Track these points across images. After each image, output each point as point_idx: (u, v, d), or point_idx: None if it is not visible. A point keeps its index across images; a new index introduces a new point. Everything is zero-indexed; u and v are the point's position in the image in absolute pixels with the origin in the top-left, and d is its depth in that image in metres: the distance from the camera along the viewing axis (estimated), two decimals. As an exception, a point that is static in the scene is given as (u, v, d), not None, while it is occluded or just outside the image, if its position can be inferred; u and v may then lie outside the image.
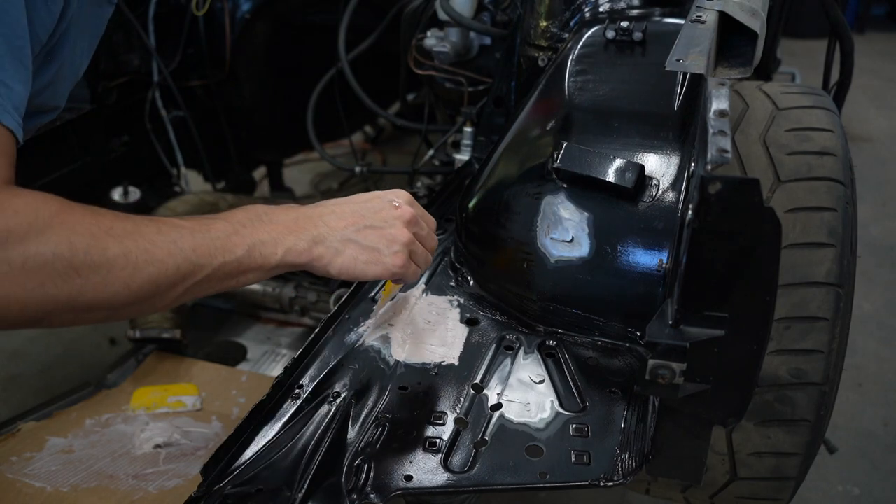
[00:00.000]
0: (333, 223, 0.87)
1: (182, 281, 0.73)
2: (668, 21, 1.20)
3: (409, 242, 0.90)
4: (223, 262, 0.76)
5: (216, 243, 0.76)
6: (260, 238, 0.80)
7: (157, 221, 0.74)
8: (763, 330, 0.67)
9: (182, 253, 0.73)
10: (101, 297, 0.68)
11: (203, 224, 0.77)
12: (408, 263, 0.90)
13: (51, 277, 0.65)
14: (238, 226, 0.80)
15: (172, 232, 0.74)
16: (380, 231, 0.88)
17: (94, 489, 1.15)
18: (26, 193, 0.67)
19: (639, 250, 0.94)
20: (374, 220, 0.89)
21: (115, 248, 0.68)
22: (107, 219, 0.70)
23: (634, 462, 0.80)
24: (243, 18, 2.02)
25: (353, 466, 0.81)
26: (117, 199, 2.00)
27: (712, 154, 0.64)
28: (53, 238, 0.65)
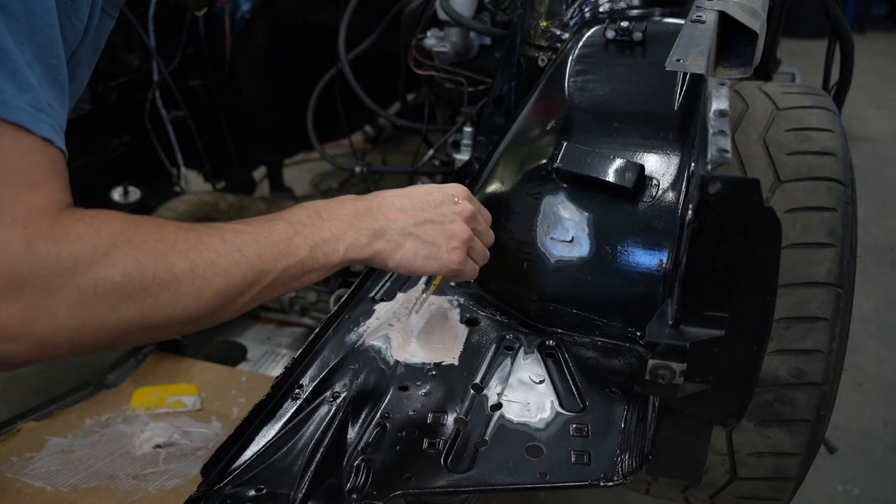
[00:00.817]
0: (394, 216, 0.87)
1: (249, 289, 0.73)
2: (668, 21, 1.20)
3: (468, 239, 0.90)
4: (287, 266, 0.76)
5: (279, 247, 0.76)
6: (322, 237, 0.80)
7: (220, 229, 0.73)
8: (763, 330, 0.67)
9: (248, 261, 0.72)
10: (173, 314, 0.67)
11: (265, 227, 0.77)
12: (466, 260, 0.90)
13: (123, 300, 0.64)
14: (299, 226, 0.79)
15: (236, 239, 0.73)
16: (440, 226, 0.88)
17: (94, 489, 1.15)
18: (86, 215, 0.65)
19: (639, 250, 0.94)
20: (433, 214, 0.88)
21: (182, 264, 0.68)
22: (170, 232, 0.69)
23: (634, 462, 0.80)
24: (243, 18, 2.02)
25: (353, 466, 0.81)
26: (117, 199, 2.00)
27: (712, 154, 0.64)
28: (121, 259, 0.64)
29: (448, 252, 0.88)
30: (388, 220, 0.86)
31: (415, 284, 1.12)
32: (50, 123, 0.65)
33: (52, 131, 0.65)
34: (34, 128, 0.63)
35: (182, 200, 1.93)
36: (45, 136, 0.64)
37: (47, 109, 0.65)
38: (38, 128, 0.63)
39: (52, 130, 0.65)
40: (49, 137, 0.64)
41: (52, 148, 0.66)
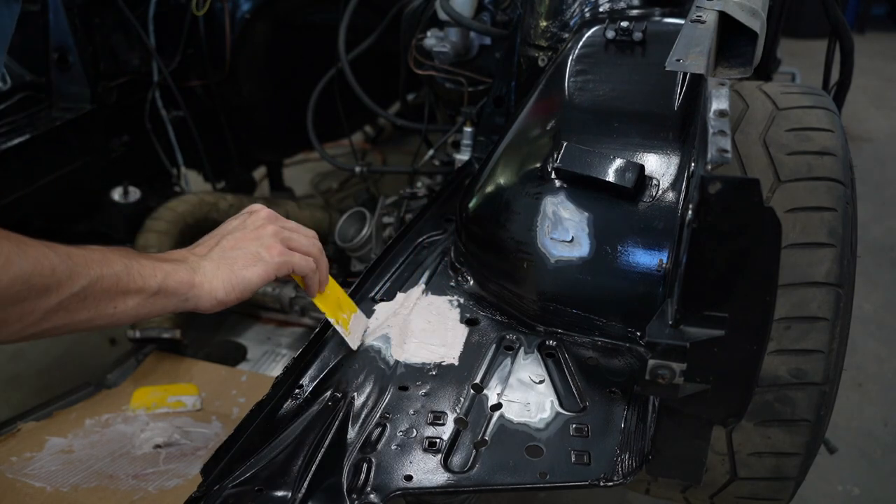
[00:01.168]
0: (199, 251, 0.86)
1: (57, 288, 0.69)
2: (668, 21, 1.20)
3: (276, 232, 0.88)
4: (100, 275, 0.73)
5: (93, 255, 0.74)
6: (138, 262, 0.78)
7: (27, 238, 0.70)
8: (763, 330, 0.67)
9: (57, 256, 0.69)
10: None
11: (79, 247, 0.75)
12: (286, 251, 0.87)
13: None
14: (114, 252, 0.78)
15: (48, 243, 0.71)
16: (242, 234, 0.87)
17: (95, 489, 1.15)
18: None
19: (639, 250, 0.94)
20: (235, 232, 0.88)
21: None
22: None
23: (634, 462, 0.80)
24: (243, 18, 2.02)
25: (353, 466, 0.81)
26: (117, 199, 2.00)
27: (712, 154, 0.64)
28: None
29: (265, 250, 0.85)
30: (196, 256, 0.85)
31: (416, 284, 1.12)
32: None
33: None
34: None
35: (182, 200, 1.93)
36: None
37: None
38: None
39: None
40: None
41: None
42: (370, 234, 1.79)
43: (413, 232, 1.25)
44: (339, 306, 0.98)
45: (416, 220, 1.28)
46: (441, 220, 1.29)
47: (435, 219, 1.29)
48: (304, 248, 0.91)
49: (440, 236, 1.24)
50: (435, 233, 1.25)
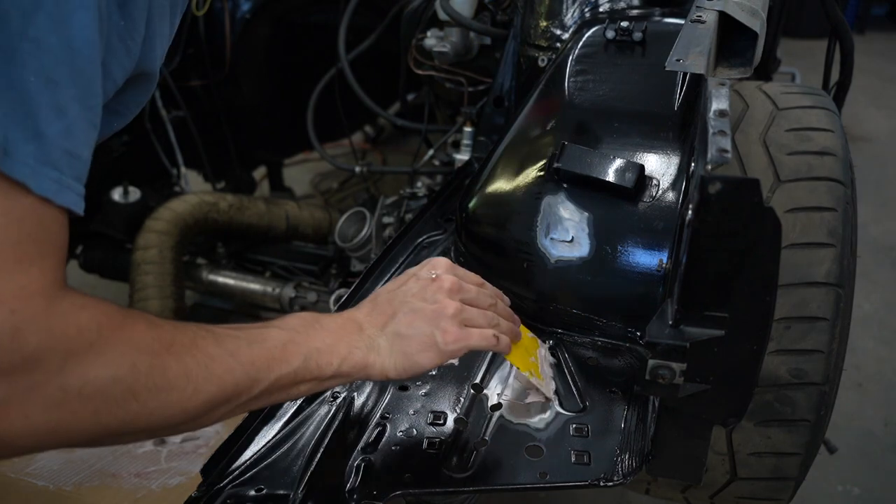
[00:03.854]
0: (376, 321, 0.80)
1: (236, 398, 0.67)
2: (668, 21, 1.20)
3: (456, 313, 0.80)
4: (280, 375, 0.70)
5: (273, 353, 0.70)
6: (316, 346, 0.74)
7: (212, 331, 0.67)
8: (763, 330, 0.67)
9: (241, 367, 0.67)
10: (154, 421, 0.61)
11: (258, 333, 0.71)
12: (464, 334, 0.80)
13: (106, 404, 0.57)
14: (293, 332, 0.74)
15: (229, 342, 0.67)
16: (422, 312, 0.80)
17: (97, 488, 1.15)
18: (88, 304, 0.57)
19: (639, 250, 0.94)
20: (414, 303, 0.81)
21: (176, 368, 0.61)
22: (167, 332, 0.62)
23: (634, 462, 0.80)
24: (243, 18, 2.02)
25: (353, 466, 0.81)
26: (117, 199, 2.00)
27: (712, 154, 0.64)
28: (116, 359, 0.57)
29: (441, 335, 0.79)
30: (373, 327, 0.79)
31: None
32: (55, 178, 0.56)
33: (54, 188, 0.56)
34: (33, 184, 0.54)
35: (182, 200, 1.93)
36: (44, 194, 0.55)
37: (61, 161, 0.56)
38: (38, 185, 0.54)
39: (56, 187, 0.56)
40: (48, 196, 0.55)
41: (52, 210, 0.56)
42: (370, 234, 1.80)
43: (413, 232, 1.25)
44: (526, 351, 0.91)
45: (416, 220, 1.28)
46: (441, 220, 1.29)
47: (435, 219, 1.29)
48: (483, 322, 0.83)
49: (440, 236, 1.24)
50: (435, 233, 1.25)
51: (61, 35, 0.56)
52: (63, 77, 0.56)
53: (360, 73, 1.87)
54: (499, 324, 0.84)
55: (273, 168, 2.66)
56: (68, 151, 0.57)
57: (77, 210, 0.59)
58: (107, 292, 2.50)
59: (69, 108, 0.57)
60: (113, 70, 0.64)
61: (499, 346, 0.83)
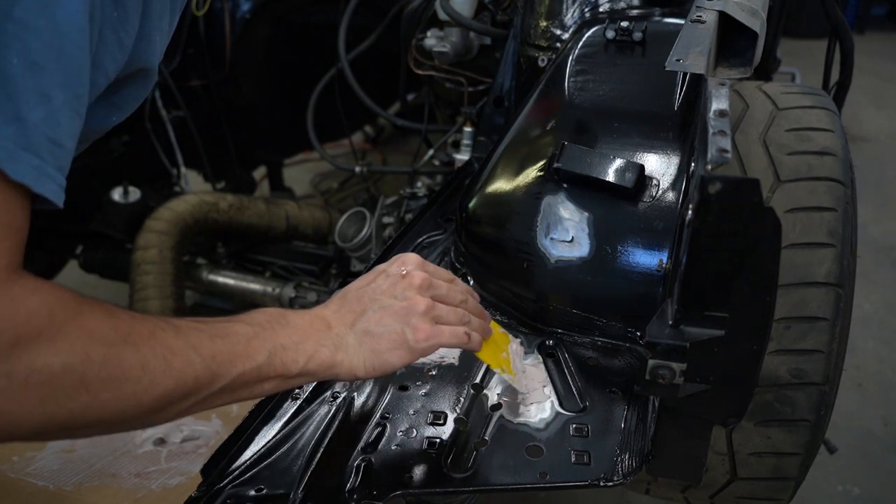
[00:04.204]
0: (345, 319, 0.78)
1: (196, 392, 0.64)
2: (668, 21, 1.20)
3: (427, 310, 0.79)
4: (242, 371, 0.68)
5: (236, 349, 0.68)
6: (282, 342, 0.72)
7: (174, 324, 0.65)
8: (763, 330, 0.67)
9: (202, 361, 0.64)
10: (106, 415, 0.58)
11: (222, 327, 0.69)
12: (435, 331, 0.79)
13: (54, 393, 0.54)
14: (258, 328, 0.71)
15: (191, 335, 0.65)
16: (391, 309, 0.78)
17: (98, 488, 1.15)
18: (41, 289, 0.55)
19: (639, 250, 0.94)
20: (383, 300, 0.79)
21: (132, 358, 0.59)
22: (124, 321, 0.60)
23: (634, 462, 0.80)
24: (243, 18, 2.02)
25: (353, 466, 0.81)
26: (117, 199, 2.00)
27: (712, 154, 0.64)
28: (67, 347, 0.55)
29: (411, 332, 0.77)
30: (342, 325, 0.77)
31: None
32: (35, 166, 0.55)
33: (33, 175, 0.54)
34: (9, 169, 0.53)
35: (182, 200, 1.93)
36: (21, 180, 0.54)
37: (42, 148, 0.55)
38: (14, 169, 0.53)
39: (35, 174, 0.54)
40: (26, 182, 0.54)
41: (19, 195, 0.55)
42: (370, 234, 1.80)
43: (413, 232, 1.25)
44: (497, 347, 0.90)
45: (416, 220, 1.28)
46: (441, 220, 1.29)
47: (435, 219, 1.29)
48: (453, 319, 0.82)
49: (440, 236, 1.24)
50: (435, 233, 1.25)
51: (49, 18, 0.54)
52: (49, 62, 0.55)
53: (360, 73, 1.87)
54: (469, 321, 0.83)
55: (273, 168, 2.66)
56: (50, 139, 0.55)
57: (56, 201, 0.57)
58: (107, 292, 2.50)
59: (54, 95, 0.55)
60: (104, 62, 0.63)
61: (470, 344, 0.83)
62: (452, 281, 0.86)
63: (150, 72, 0.73)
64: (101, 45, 0.61)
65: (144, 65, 0.70)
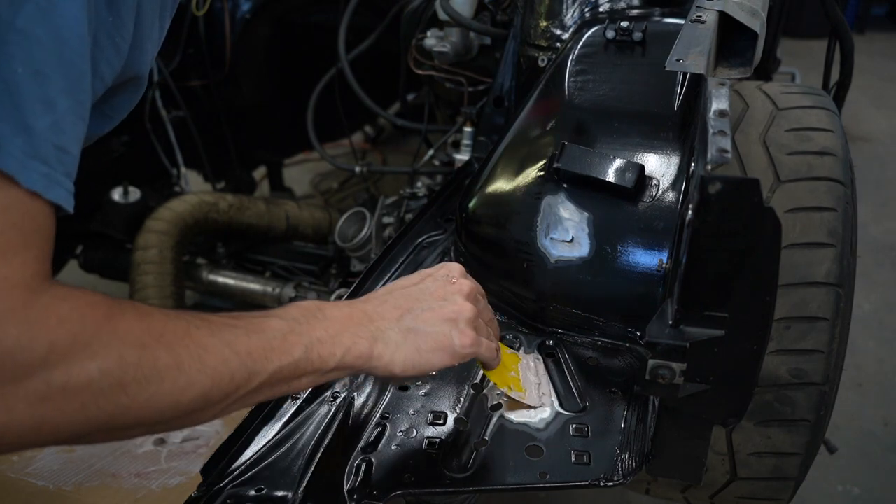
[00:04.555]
0: (389, 313, 0.77)
1: (234, 391, 0.64)
2: (668, 21, 1.20)
3: (474, 317, 0.79)
4: (279, 367, 0.67)
5: (273, 344, 0.67)
6: (318, 336, 0.71)
7: (208, 320, 0.65)
8: (763, 330, 0.67)
9: (237, 358, 0.64)
10: (146, 416, 0.58)
11: (257, 322, 0.68)
12: (478, 340, 0.79)
13: (94, 398, 0.55)
14: (294, 323, 0.70)
15: (226, 332, 0.64)
16: (440, 311, 0.78)
17: (97, 488, 1.15)
18: (71, 295, 0.56)
19: (639, 250, 0.94)
20: (431, 301, 0.79)
21: (167, 359, 0.59)
22: (157, 321, 0.60)
23: (634, 462, 0.80)
24: (243, 18, 2.02)
25: (353, 466, 0.81)
26: (117, 199, 2.00)
27: (712, 154, 0.64)
28: (102, 351, 0.55)
29: (457, 337, 0.77)
30: (384, 319, 0.76)
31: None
32: (44, 173, 0.55)
33: (43, 182, 0.55)
34: (20, 178, 0.53)
35: (182, 200, 1.93)
36: (32, 188, 0.54)
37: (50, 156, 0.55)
38: (26, 178, 0.53)
39: (45, 182, 0.55)
40: (37, 190, 0.54)
41: (39, 203, 0.55)
42: (370, 234, 1.80)
43: (413, 232, 1.25)
44: (505, 367, 0.89)
45: (416, 220, 1.28)
46: (441, 220, 1.29)
47: (435, 219, 1.29)
48: (486, 335, 0.83)
49: (440, 236, 1.24)
50: (435, 233, 1.25)
51: (50, 26, 0.55)
52: (51, 70, 0.55)
53: (360, 73, 1.87)
54: (493, 340, 0.85)
55: (273, 168, 2.66)
56: (57, 146, 0.56)
57: (66, 207, 0.57)
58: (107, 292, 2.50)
59: (58, 102, 0.56)
60: (101, 68, 0.63)
61: (496, 361, 0.85)
62: (486, 298, 0.88)
63: (141, 80, 0.73)
64: (98, 51, 0.61)
65: (135, 73, 0.70)
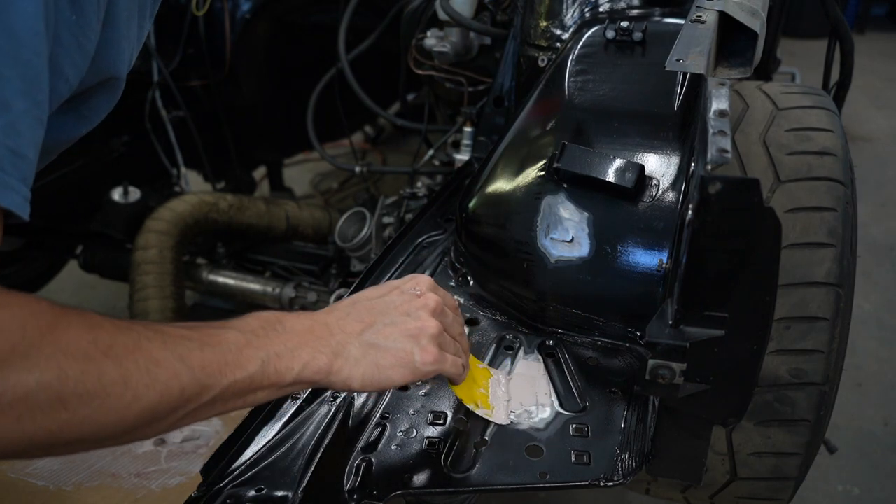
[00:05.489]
0: (350, 327, 0.76)
1: (184, 405, 0.62)
2: (668, 21, 1.20)
3: (437, 334, 0.78)
4: (233, 381, 0.65)
5: (227, 357, 0.65)
6: (275, 350, 0.69)
7: (161, 332, 0.62)
8: (763, 330, 0.68)
9: (189, 372, 0.61)
10: (87, 432, 0.56)
11: (212, 334, 0.67)
12: (441, 357, 0.78)
13: (30, 412, 0.52)
14: (251, 335, 0.69)
15: (179, 345, 0.62)
16: (403, 326, 0.77)
17: (97, 488, 1.15)
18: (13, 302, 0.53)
19: (639, 250, 0.94)
20: (394, 315, 0.78)
21: (113, 373, 0.56)
22: (106, 332, 0.57)
23: (634, 462, 0.80)
24: (243, 18, 2.02)
25: (353, 466, 0.81)
26: (117, 199, 2.01)
27: (712, 154, 0.64)
28: (41, 363, 0.52)
29: (419, 353, 0.76)
30: (344, 333, 0.75)
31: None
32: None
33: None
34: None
35: (182, 200, 1.93)
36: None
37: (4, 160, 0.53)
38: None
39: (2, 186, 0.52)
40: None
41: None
42: (370, 234, 1.80)
43: (413, 232, 1.25)
44: (474, 382, 0.88)
45: (416, 220, 1.28)
46: (441, 220, 1.29)
47: (435, 219, 1.29)
48: (452, 350, 0.82)
49: (440, 236, 1.24)
50: (435, 233, 1.25)
51: (4, 24, 0.52)
52: (6, 69, 0.52)
53: (360, 73, 1.87)
54: (461, 356, 0.83)
55: (273, 168, 2.66)
56: (11, 150, 0.53)
57: (21, 214, 0.55)
58: (107, 292, 2.50)
59: (13, 103, 0.53)
60: (64, 67, 0.61)
61: (461, 378, 0.84)
62: (456, 311, 0.86)
63: (118, 81, 0.72)
64: (61, 49, 0.59)
65: (112, 73, 0.69)
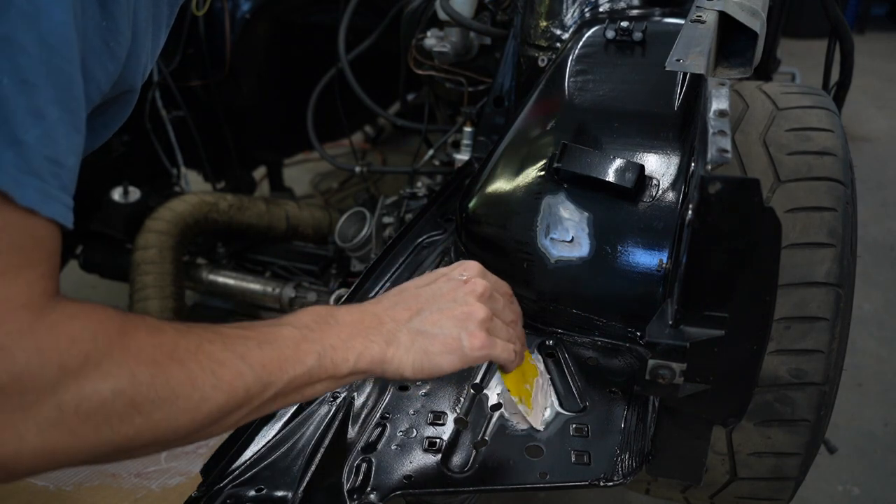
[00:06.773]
0: (399, 315, 0.76)
1: (248, 403, 0.63)
2: (668, 21, 1.20)
3: (486, 319, 0.77)
4: (293, 376, 0.66)
5: (285, 353, 0.66)
6: (331, 342, 0.70)
7: (221, 333, 0.64)
8: (763, 330, 0.68)
9: (252, 371, 0.63)
10: (161, 434, 0.57)
11: (269, 332, 0.68)
12: (490, 342, 0.77)
13: (108, 419, 0.53)
14: (306, 330, 0.70)
15: (238, 345, 0.64)
16: (450, 312, 0.76)
17: (97, 488, 1.15)
18: (81, 312, 0.54)
19: (639, 250, 0.94)
20: (442, 302, 0.77)
21: (181, 375, 0.58)
22: (168, 337, 0.59)
23: (634, 462, 0.80)
24: (243, 18, 2.02)
25: (353, 466, 0.81)
26: (117, 199, 2.01)
27: (712, 154, 0.64)
28: (114, 370, 0.54)
29: (466, 339, 0.75)
30: (395, 321, 0.75)
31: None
32: (38, 188, 0.52)
33: (38, 198, 0.52)
34: (15, 194, 0.51)
35: (182, 200, 1.93)
36: (27, 205, 0.51)
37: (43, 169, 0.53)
38: (21, 195, 0.51)
39: (40, 197, 0.52)
40: (33, 206, 0.52)
41: (38, 220, 0.53)
42: (370, 234, 1.80)
43: (413, 232, 1.25)
44: (523, 376, 0.87)
45: (416, 220, 1.28)
46: (441, 220, 1.29)
47: (435, 219, 1.29)
48: (504, 336, 0.81)
49: (440, 236, 1.24)
50: (435, 233, 1.25)
51: (35, 32, 0.52)
52: (39, 78, 0.53)
53: (360, 73, 1.87)
54: (515, 342, 0.82)
55: (273, 168, 2.66)
56: (50, 158, 0.53)
57: (65, 223, 0.55)
58: (107, 292, 2.50)
59: (47, 112, 0.53)
60: (96, 73, 0.61)
61: (513, 364, 0.82)
62: (510, 298, 0.85)
63: (133, 93, 0.72)
64: (92, 56, 0.59)
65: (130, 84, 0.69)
